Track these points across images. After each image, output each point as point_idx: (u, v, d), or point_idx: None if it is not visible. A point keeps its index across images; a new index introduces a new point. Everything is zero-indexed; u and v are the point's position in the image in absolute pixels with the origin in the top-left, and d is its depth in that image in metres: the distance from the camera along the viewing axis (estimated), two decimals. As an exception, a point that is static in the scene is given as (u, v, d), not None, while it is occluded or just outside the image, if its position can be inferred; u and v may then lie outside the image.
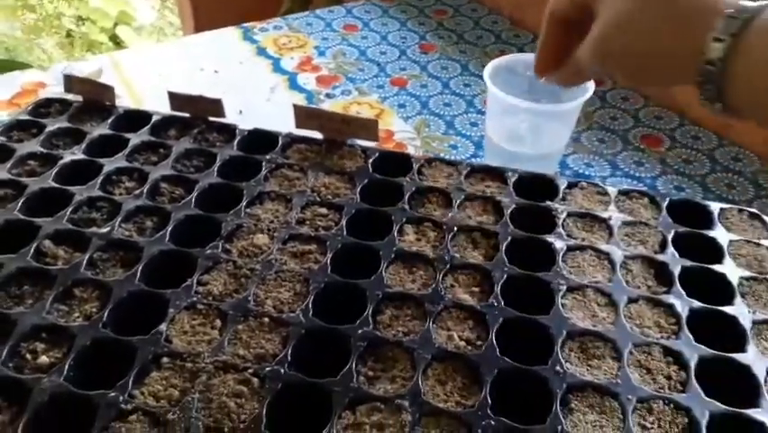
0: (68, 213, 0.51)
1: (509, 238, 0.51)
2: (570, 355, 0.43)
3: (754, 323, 0.45)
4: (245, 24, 0.97)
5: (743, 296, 0.47)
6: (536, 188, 0.56)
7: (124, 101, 0.78)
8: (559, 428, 0.38)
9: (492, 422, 0.38)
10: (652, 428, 0.39)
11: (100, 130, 0.61)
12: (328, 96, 0.82)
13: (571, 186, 0.57)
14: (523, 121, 0.60)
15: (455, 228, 0.52)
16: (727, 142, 0.75)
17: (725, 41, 0.36)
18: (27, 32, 2.73)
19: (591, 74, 0.49)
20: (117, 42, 2.72)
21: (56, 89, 0.79)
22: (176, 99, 0.63)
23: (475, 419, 0.38)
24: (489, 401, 0.39)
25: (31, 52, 2.66)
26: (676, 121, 0.79)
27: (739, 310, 0.46)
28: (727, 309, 0.46)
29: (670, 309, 0.46)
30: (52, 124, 0.61)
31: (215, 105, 0.62)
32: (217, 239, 0.50)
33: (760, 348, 0.43)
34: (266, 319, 0.44)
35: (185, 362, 0.41)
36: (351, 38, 0.95)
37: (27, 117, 0.63)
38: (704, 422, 0.38)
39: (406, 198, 0.55)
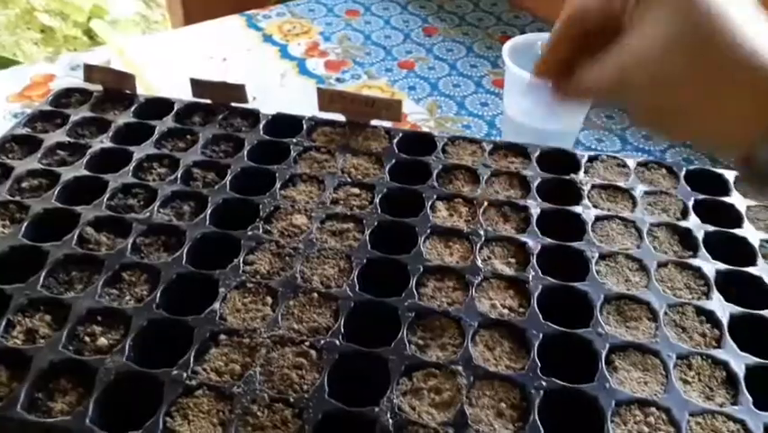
0: (104, 200, 0.52)
1: (539, 211, 0.53)
2: (608, 318, 0.45)
3: (778, 282, 0.47)
4: (248, 12, 0.97)
5: (764, 257, 0.49)
6: (559, 162, 0.58)
7: (138, 90, 0.78)
8: (607, 385, 0.40)
9: (543, 383, 0.40)
10: (693, 381, 0.41)
11: (124, 118, 0.61)
12: (338, 80, 0.83)
13: (591, 159, 0.59)
14: (541, 98, 0.62)
15: (485, 203, 0.53)
16: (729, 115, 0.77)
17: None
18: (2, 28, 2.68)
19: (597, 98, 0.42)
20: (91, 37, 2.67)
21: (65, 81, 0.79)
22: (198, 85, 0.63)
23: (527, 381, 0.40)
24: (538, 364, 0.41)
25: (6, 49, 2.61)
26: (679, 96, 0.81)
27: (763, 270, 0.48)
28: (752, 270, 0.48)
29: (698, 272, 0.48)
30: (76, 114, 0.62)
31: (238, 91, 0.63)
32: (257, 220, 0.51)
33: (785, 305, 0.46)
34: (315, 295, 0.45)
35: (242, 338, 0.42)
36: (354, 23, 0.96)
37: (49, 108, 0.63)
38: (741, 374, 0.41)
39: (434, 175, 0.56)
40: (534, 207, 0.53)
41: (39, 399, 0.39)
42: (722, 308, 0.45)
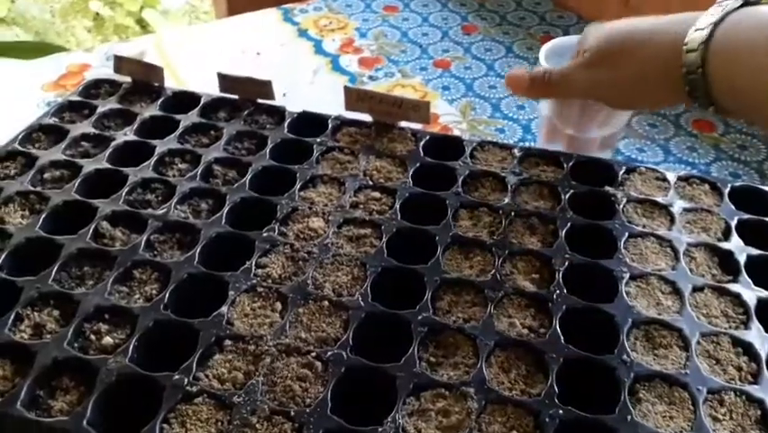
0: (123, 194, 0.52)
1: (568, 224, 0.50)
2: (635, 344, 0.42)
3: (827, 314, 0.44)
4: (285, 6, 0.96)
5: (813, 286, 0.46)
6: (593, 173, 0.55)
7: (167, 83, 0.77)
8: (628, 417, 0.37)
9: (560, 411, 0.37)
10: (724, 419, 0.38)
11: (150, 111, 0.61)
12: (371, 78, 0.81)
13: (629, 171, 0.55)
14: (582, 103, 0.59)
15: (512, 213, 0.51)
16: (784, 128, 0.73)
17: (697, 51, 0.40)
18: (57, 15, 2.75)
19: (567, 94, 0.55)
20: (143, 26, 2.73)
21: (100, 71, 0.80)
22: (225, 80, 0.62)
23: (542, 408, 0.37)
24: (556, 390, 0.38)
25: (60, 36, 2.68)
26: (729, 105, 0.76)
27: (810, 301, 0.44)
28: (798, 300, 0.44)
29: (737, 299, 0.45)
30: (103, 105, 0.62)
31: (265, 88, 0.62)
32: (273, 222, 0.49)
33: (833, 340, 0.42)
34: (326, 303, 0.43)
35: (247, 344, 0.41)
36: (391, 19, 0.94)
37: (78, 98, 0.63)
38: (779, 415, 0.37)
39: (460, 182, 0.54)
40: (564, 220, 0.50)
41: (40, 396, 0.38)
42: (762, 339, 0.42)
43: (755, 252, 0.48)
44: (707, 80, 0.41)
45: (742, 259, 0.47)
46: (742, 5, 0.41)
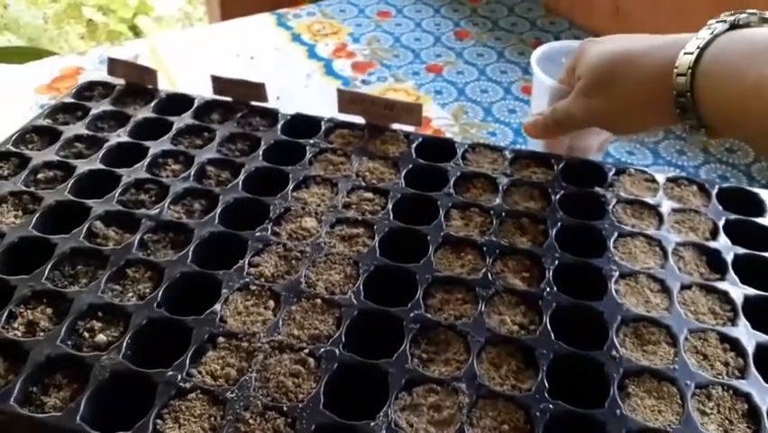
0: (116, 195, 0.52)
1: (558, 224, 0.50)
2: (624, 341, 0.42)
3: (812, 311, 0.44)
4: (278, 11, 0.97)
5: (798, 284, 0.46)
6: (583, 174, 0.56)
7: (160, 85, 0.78)
8: (618, 412, 0.38)
9: (550, 406, 0.38)
10: (711, 413, 0.38)
11: (144, 113, 0.61)
12: (364, 82, 0.82)
13: (618, 172, 0.56)
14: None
15: (503, 214, 0.52)
16: (771, 131, 0.74)
17: (686, 75, 0.41)
18: (50, 21, 2.75)
19: (574, 128, 0.55)
20: (136, 33, 2.73)
21: (93, 74, 0.80)
22: (219, 82, 0.63)
23: (533, 403, 0.38)
24: (546, 385, 0.39)
25: (53, 42, 2.68)
26: (717, 109, 0.77)
27: (796, 298, 0.45)
28: (784, 297, 0.45)
29: (724, 296, 0.45)
30: (97, 107, 0.62)
31: (258, 90, 0.62)
32: (266, 222, 0.50)
33: (818, 337, 0.43)
34: (318, 301, 0.44)
35: (240, 342, 0.41)
36: (384, 24, 0.95)
37: (72, 100, 0.63)
38: (765, 408, 0.38)
39: (451, 183, 0.54)
40: (554, 220, 0.51)
41: (33, 393, 0.39)
42: (748, 336, 0.42)
43: (742, 251, 0.49)
44: (696, 104, 0.41)
45: (729, 258, 0.48)
46: (730, 29, 0.41)
